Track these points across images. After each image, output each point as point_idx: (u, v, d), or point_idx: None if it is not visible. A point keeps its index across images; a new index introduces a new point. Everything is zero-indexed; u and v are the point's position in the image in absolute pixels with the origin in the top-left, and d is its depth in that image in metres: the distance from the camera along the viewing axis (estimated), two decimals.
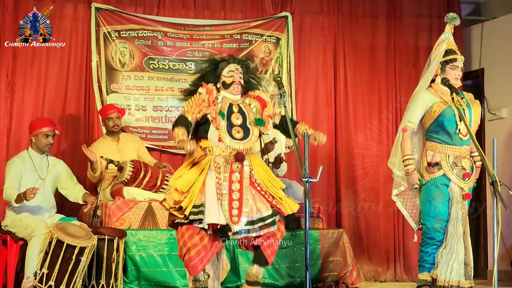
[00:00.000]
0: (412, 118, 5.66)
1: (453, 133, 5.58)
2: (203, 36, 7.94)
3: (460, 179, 5.57)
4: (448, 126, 5.58)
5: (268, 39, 8.11)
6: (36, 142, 6.24)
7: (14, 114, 7.26)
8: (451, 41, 5.73)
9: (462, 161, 5.58)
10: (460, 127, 5.56)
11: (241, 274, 6.48)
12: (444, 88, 5.64)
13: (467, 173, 5.58)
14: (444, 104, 5.58)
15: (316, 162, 7.80)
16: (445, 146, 5.62)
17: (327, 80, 8.20)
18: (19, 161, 6.20)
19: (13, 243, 6.11)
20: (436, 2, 8.56)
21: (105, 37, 7.62)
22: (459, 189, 5.58)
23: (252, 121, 5.06)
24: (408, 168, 5.63)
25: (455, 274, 5.53)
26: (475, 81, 8.84)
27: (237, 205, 4.85)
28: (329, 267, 6.83)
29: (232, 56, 5.18)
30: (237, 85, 5.05)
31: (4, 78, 7.20)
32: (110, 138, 7.18)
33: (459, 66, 5.64)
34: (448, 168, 5.57)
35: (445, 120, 5.58)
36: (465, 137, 5.57)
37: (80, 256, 5.72)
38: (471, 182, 5.62)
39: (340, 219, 8.01)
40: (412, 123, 5.66)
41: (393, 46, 8.35)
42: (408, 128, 5.67)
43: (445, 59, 5.67)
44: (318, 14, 8.26)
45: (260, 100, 5.14)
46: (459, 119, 5.54)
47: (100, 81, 7.55)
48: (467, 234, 5.58)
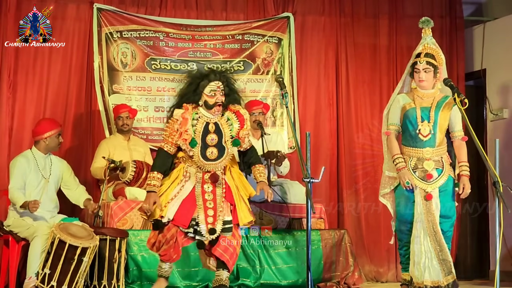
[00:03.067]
0: (391, 120, 5.76)
1: (414, 134, 5.62)
2: (205, 36, 7.94)
3: (422, 180, 5.59)
4: (410, 127, 5.65)
5: (270, 40, 8.11)
6: (49, 143, 6.29)
7: (16, 114, 7.27)
8: (427, 45, 5.74)
9: (424, 163, 5.59)
10: (421, 128, 5.59)
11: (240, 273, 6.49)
12: (421, 91, 5.69)
13: (429, 174, 5.58)
14: (410, 106, 5.64)
15: (318, 162, 7.80)
16: (408, 148, 5.69)
17: (329, 81, 8.20)
18: (23, 160, 6.22)
19: (15, 243, 6.13)
20: (438, 3, 8.55)
21: (107, 38, 7.63)
22: (422, 190, 5.59)
23: (228, 140, 5.13)
24: (399, 166, 5.65)
25: (427, 274, 5.53)
26: (477, 82, 8.84)
27: (212, 213, 5.05)
28: (331, 267, 6.83)
29: (213, 71, 5.16)
30: (219, 107, 5.08)
31: (6, 78, 7.21)
32: (122, 136, 7.22)
33: (420, 69, 5.64)
34: (411, 171, 5.61)
35: (407, 121, 5.65)
36: (426, 138, 5.59)
37: (82, 257, 5.73)
38: (438, 182, 5.60)
39: (342, 219, 8.02)
40: (393, 125, 5.76)
41: (394, 47, 8.35)
42: (391, 130, 5.76)
43: (410, 63, 5.75)
44: (320, 15, 8.26)
45: (239, 116, 5.17)
46: (421, 120, 5.58)
47: (102, 82, 7.56)
48: (438, 232, 5.55)
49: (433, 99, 5.66)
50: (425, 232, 5.55)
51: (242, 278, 6.49)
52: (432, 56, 5.65)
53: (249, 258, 6.56)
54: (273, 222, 6.92)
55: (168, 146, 5.09)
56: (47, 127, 6.31)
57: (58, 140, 6.34)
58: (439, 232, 5.55)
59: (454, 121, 5.68)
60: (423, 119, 5.58)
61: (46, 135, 6.28)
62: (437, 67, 5.66)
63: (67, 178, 6.43)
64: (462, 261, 8.72)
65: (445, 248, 5.54)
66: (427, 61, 5.63)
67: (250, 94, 7.94)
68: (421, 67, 5.63)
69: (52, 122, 6.43)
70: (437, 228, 5.55)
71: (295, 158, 7.69)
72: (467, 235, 8.83)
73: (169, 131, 5.08)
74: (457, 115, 5.66)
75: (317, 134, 8.05)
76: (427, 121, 5.58)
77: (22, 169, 6.16)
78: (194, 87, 5.12)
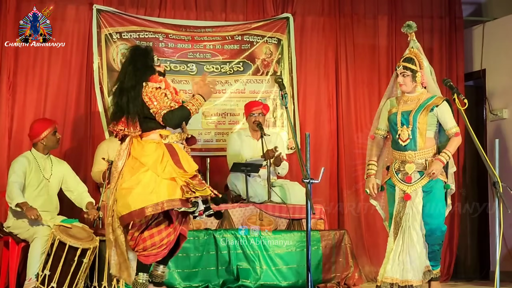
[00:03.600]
0: (378, 125, 5.91)
1: (396, 139, 5.72)
2: (204, 37, 7.95)
3: (402, 182, 5.66)
4: (392, 132, 5.76)
5: (269, 41, 8.11)
6: (47, 143, 6.32)
7: (16, 116, 7.26)
8: (413, 49, 5.81)
9: (406, 166, 5.66)
10: (400, 133, 5.67)
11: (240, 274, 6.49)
12: (407, 95, 5.74)
13: (408, 177, 5.64)
14: (396, 110, 5.72)
15: (318, 163, 7.80)
16: (395, 151, 5.79)
17: (329, 81, 8.20)
18: (24, 160, 6.23)
19: (15, 245, 6.13)
20: (437, 3, 8.55)
21: (106, 39, 7.63)
22: (401, 191, 5.68)
23: None
24: (368, 172, 5.88)
25: (389, 271, 5.58)
26: (477, 82, 8.83)
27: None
28: (331, 268, 6.82)
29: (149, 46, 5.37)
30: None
31: (5, 80, 7.21)
32: None
33: (398, 73, 5.74)
34: (393, 172, 5.73)
35: (391, 126, 5.77)
36: (405, 143, 5.65)
37: (82, 258, 5.74)
38: (417, 185, 5.63)
39: (341, 220, 8.02)
40: (379, 129, 5.89)
41: (394, 47, 8.35)
42: (376, 135, 5.90)
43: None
44: (319, 15, 8.26)
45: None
46: (401, 125, 5.66)
47: (102, 83, 7.56)
48: (410, 233, 5.57)
49: (416, 102, 5.71)
50: (399, 230, 5.59)
51: (242, 279, 6.49)
52: (409, 60, 5.73)
53: (249, 259, 6.55)
54: (273, 223, 6.92)
55: (166, 109, 4.99)
56: (41, 128, 6.32)
57: (56, 137, 6.36)
58: (412, 233, 5.56)
59: (443, 120, 5.71)
60: (402, 124, 5.68)
61: (42, 136, 6.29)
62: (415, 71, 5.71)
63: (69, 179, 6.43)
64: (462, 261, 8.72)
65: (413, 250, 5.55)
66: (404, 66, 5.71)
67: (249, 94, 7.95)
68: (399, 71, 5.74)
69: (44, 122, 6.45)
70: (411, 229, 5.57)
71: (295, 159, 7.69)
72: (467, 235, 8.83)
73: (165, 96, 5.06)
74: (445, 114, 5.69)
75: (317, 134, 8.05)
76: (406, 125, 5.66)
77: (24, 168, 6.17)
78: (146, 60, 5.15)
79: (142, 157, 4.95)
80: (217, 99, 7.93)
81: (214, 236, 6.48)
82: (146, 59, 5.10)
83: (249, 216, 6.87)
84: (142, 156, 4.96)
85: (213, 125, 7.94)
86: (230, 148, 7.44)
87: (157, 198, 4.81)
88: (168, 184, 4.87)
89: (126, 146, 5.05)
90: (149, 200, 4.80)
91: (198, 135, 7.82)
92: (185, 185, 4.85)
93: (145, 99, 4.97)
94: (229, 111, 7.99)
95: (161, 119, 4.94)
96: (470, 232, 8.88)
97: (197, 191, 4.84)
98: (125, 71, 5.09)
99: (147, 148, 4.99)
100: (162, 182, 4.86)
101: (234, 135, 7.53)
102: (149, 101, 4.97)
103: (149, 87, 4.99)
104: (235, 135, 7.52)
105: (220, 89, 7.90)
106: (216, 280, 6.44)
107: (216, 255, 6.47)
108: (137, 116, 4.99)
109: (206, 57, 7.92)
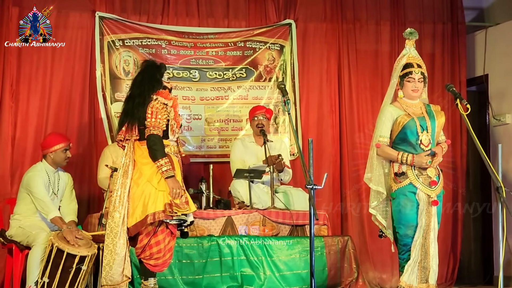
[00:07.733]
0: (382, 132, 5.77)
1: (415, 144, 5.65)
2: (207, 44, 7.96)
3: (427, 186, 5.61)
4: (411, 137, 5.66)
5: (272, 47, 8.12)
6: (55, 158, 6.30)
7: (18, 124, 7.27)
8: (412, 55, 5.78)
9: (427, 170, 5.62)
10: (422, 138, 5.64)
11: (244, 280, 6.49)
12: (408, 101, 5.73)
13: (433, 181, 5.61)
14: (408, 117, 5.67)
15: (320, 169, 7.80)
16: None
17: (331, 87, 8.21)
18: (43, 174, 6.22)
19: (18, 252, 6.13)
20: (439, 9, 8.56)
21: (109, 46, 7.64)
22: (426, 196, 5.61)
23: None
24: (410, 158, 5.61)
25: (406, 277, 5.58)
26: (479, 87, 8.84)
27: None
28: (336, 274, 6.82)
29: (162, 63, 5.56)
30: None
31: (8, 88, 7.21)
32: None
33: (416, 78, 5.68)
34: (414, 177, 5.62)
35: (408, 132, 5.66)
36: (427, 147, 5.63)
37: (80, 265, 5.72)
38: (438, 189, 5.64)
39: (345, 225, 8.01)
40: (383, 137, 5.78)
41: (396, 53, 8.33)
42: (381, 142, 5.77)
43: (402, 73, 5.74)
44: (321, 21, 8.27)
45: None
46: (421, 130, 5.63)
47: (105, 90, 7.57)
48: (429, 240, 5.56)
49: (420, 108, 5.73)
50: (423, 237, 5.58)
51: (246, 285, 6.49)
52: (422, 67, 5.74)
53: (253, 265, 6.55)
54: (275, 228, 6.92)
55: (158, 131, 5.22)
56: (54, 141, 6.33)
57: (65, 155, 6.34)
58: (430, 238, 5.56)
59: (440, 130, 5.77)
60: (422, 129, 5.64)
61: (52, 149, 6.29)
62: (426, 78, 5.77)
63: (66, 193, 6.41)
64: (466, 266, 8.71)
65: (429, 256, 5.55)
66: (422, 72, 5.69)
67: (252, 101, 7.95)
68: (417, 77, 5.68)
69: (59, 136, 6.45)
70: (429, 237, 5.56)
71: (297, 165, 7.68)
72: (471, 240, 8.82)
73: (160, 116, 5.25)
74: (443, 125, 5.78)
75: (320, 140, 8.05)
76: (426, 131, 5.63)
77: (42, 181, 6.19)
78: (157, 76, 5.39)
79: (142, 166, 5.24)
80: (220, 105, 7.94)
81: (217, 243, 6.48)
82: (155, 72, 5.35)
83: (253, 222, 6.87)
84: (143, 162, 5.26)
85: (216, 131, 7.95)
86: (233, 155, 7.44)
87: (154, 208, 5.15)
88: (164, 195, 5.19)
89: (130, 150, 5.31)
90: (149, 210, 5.16)
91: (201, 141, 7.84)
92: (168, 204, 5.15)
93: (148, 110, 5.13)
94: (232, 117, 8.00)
95: (146, 134, 5.20)
96: (473, 237, 8.88)
97: (178, 211, 5.17)
98: (135, 81, 5.39)
99: (147, 154, 5.26)
100: (159, 193, 5.19)
101: (237, 142, 7.54)
102: (150, 114, 5.20)
103: (157, 102, 5.23)
104: (239, 142, 7.52)
105: (223, 95, 7.91)
106: (220, 286, 6.43)
107: (220, 261, 6.47)
108: (138, 122, 5.17)
109: (208, 63, 7.93)
